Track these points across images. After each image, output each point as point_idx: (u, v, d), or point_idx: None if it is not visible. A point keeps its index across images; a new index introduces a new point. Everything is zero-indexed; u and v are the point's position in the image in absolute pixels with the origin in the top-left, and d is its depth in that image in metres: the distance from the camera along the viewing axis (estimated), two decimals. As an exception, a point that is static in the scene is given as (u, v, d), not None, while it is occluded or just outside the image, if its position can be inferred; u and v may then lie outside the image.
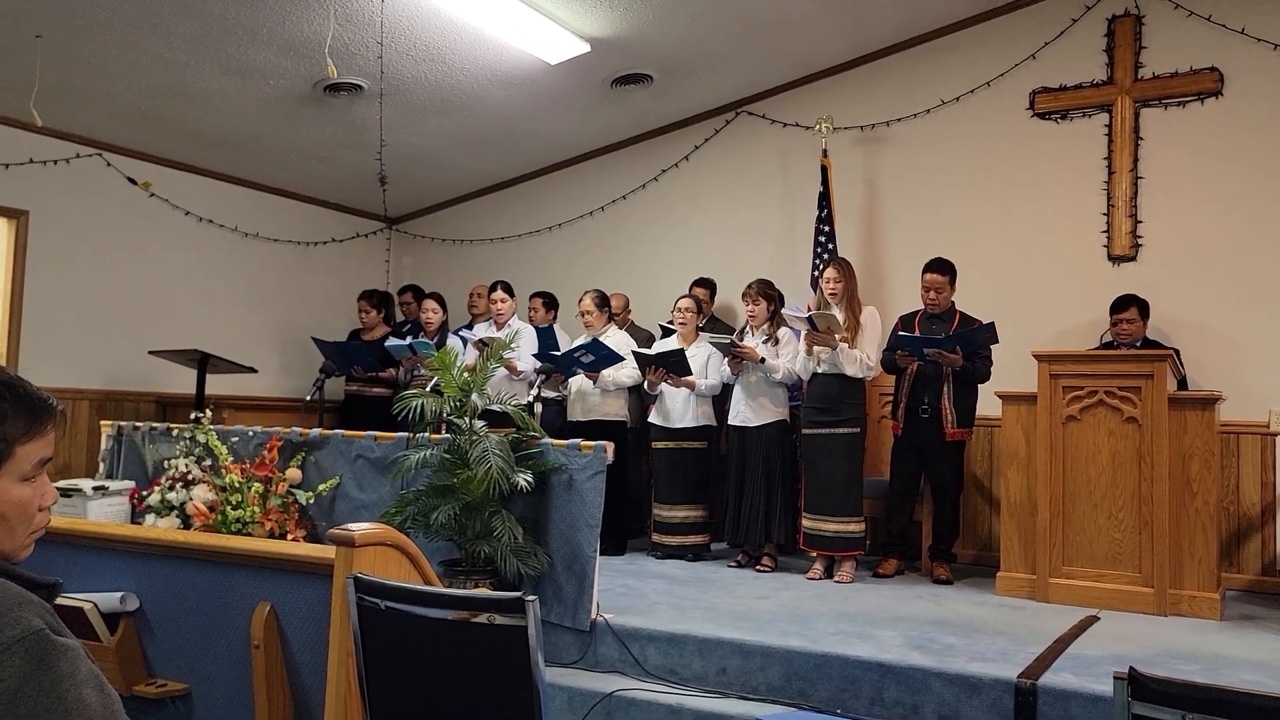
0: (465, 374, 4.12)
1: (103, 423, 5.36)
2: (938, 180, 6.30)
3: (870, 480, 5.39)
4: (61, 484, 4.52)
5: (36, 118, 5.52)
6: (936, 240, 5.93)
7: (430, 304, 6.65)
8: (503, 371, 5.61)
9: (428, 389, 4.20)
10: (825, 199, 6.23)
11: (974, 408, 5.10)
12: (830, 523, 4.93)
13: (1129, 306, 5.29)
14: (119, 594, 2.64)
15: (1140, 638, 3.83)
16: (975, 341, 4.94)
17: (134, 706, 2.48)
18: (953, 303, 5.19)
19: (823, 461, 4.98)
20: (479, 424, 4.07)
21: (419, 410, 4.06)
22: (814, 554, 5.04)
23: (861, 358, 4.91)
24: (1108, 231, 5.81)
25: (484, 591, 2.09)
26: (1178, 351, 5.28)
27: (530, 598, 1.92)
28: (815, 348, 4.96)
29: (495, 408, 4.15)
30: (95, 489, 4.52)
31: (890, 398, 5.42)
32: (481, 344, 5.58)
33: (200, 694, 2.60)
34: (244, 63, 5.75)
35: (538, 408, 4.86)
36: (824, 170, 6.27)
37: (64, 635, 1.22)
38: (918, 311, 5.27)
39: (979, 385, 5.09)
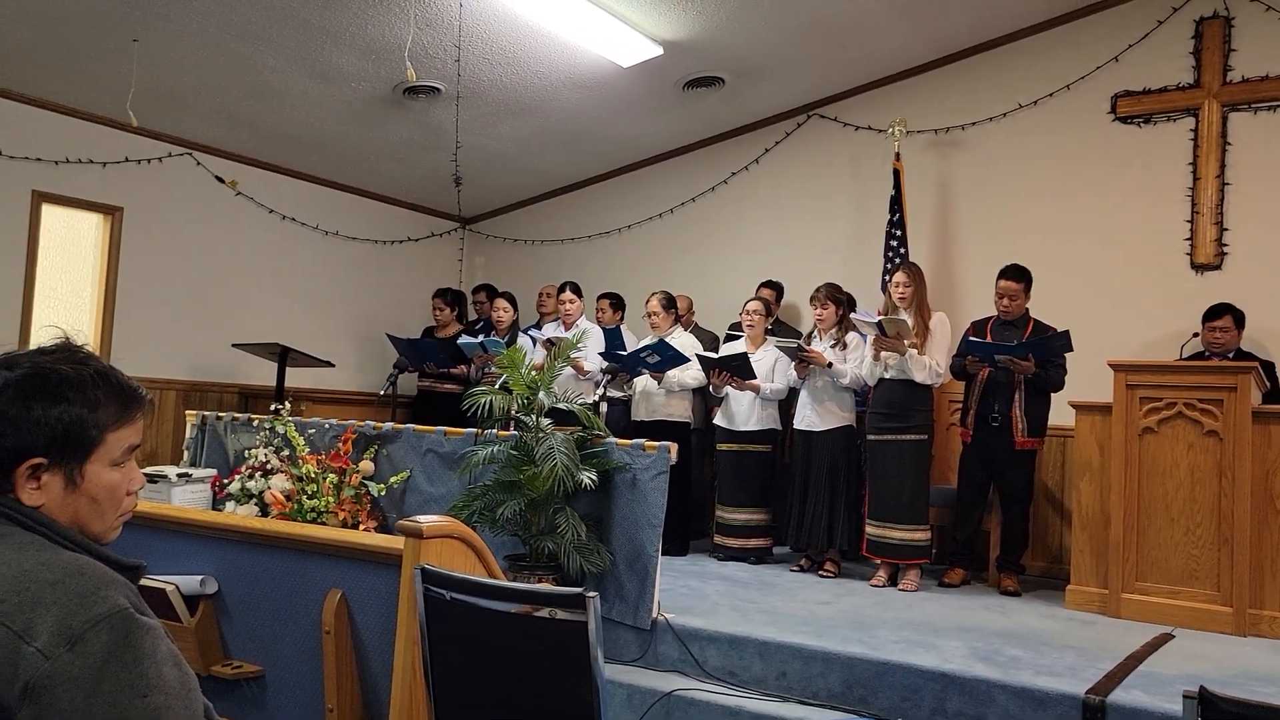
0: (533, 372, 4.19)
1: (188, 412, 5.58)
2: (1013, 185, 6.18)
3: (937, 488, 5.33)
4: (148, 470, 4.72)
5: (132, 118, 5.76)
6: (1010, 246, 5.82)
7: (501, 303, 6.76)
8: (570, 370, 5.67)
9: (497, 386, 4.28)
10: (897, 203, 6.17)
11: (1046, 417, 5.00)
12: (895, 530, 4.88)
13: (1223, 315, 5.13)
14: (199, 577, 2.74)
15: (1216, 657, 3.72)
16: (1049, 349, 4.85)
17: (210, 686, 2.59)
18: (1026, 310, 5.10)
19: (888, 468, 4.93)
20: (545, 422, 4.13)
21: (488, 407, 4.14)
22: (878, 561, 5.00)
23: (931, 364, 4.86)
24: (1191, 239, 5.64)
25: (546, 586, 2.13)
26: (1273, 364, 5.10)
27: (591, 594, 1.95)
28: (883, 353, 4.92)
29: (561, 406, 4.21)
30: (179, 476, 4.70)
31: (960, 405, 5.34)
32: (549, 343, 5.66)
33: (273, 676, 2.69)
34: (327, 66, 5.92)
35: (603, 407, 4.92)
36: (896, 174, 6.21)
37: (147, 614, 1.27)
38: (990, 318, 5.18)
39: (1052, 394, 4.98)
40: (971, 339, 5.05)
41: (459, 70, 5.87)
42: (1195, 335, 5.30)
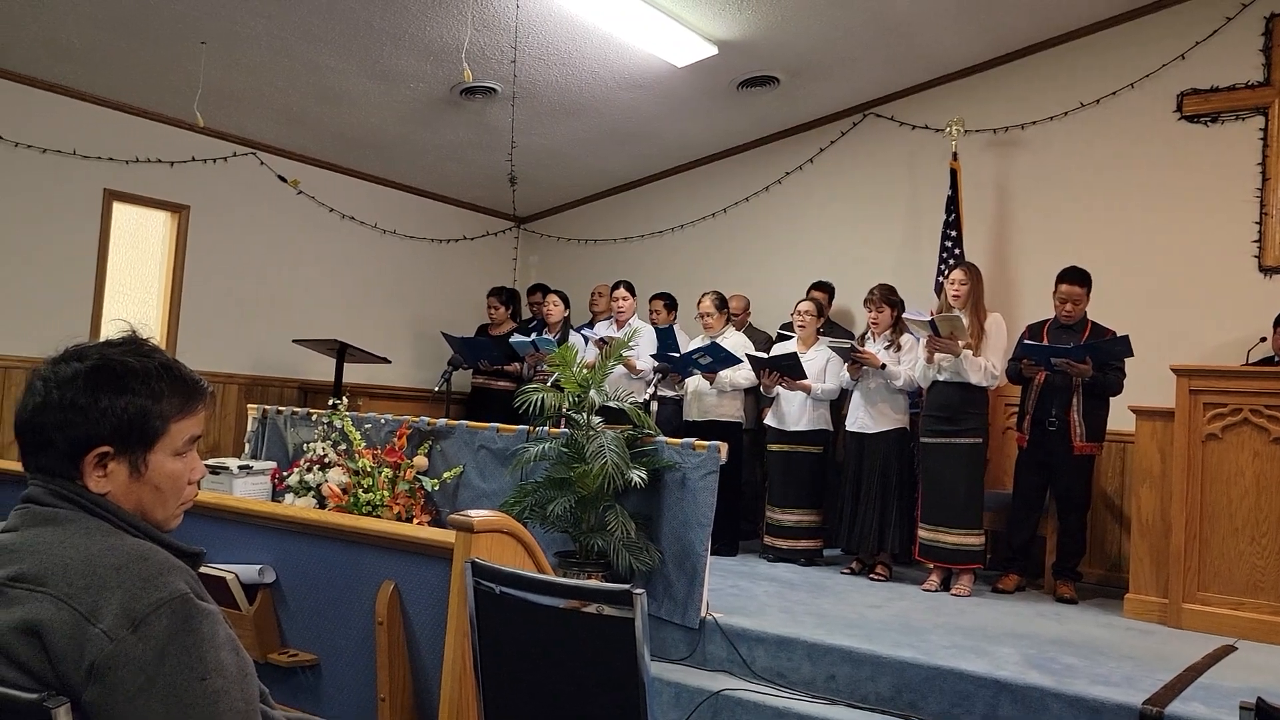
0: (584, 370, 4.22)
1: (249, 406, 5.72)
2: (1074, 185, 6.06)
3: (992, 493, 5.25)
4: (210, 461, 4.85)
5: (199, 119, 5.93)
6: (1070, 248, 5.72)
7: (553, 299, 6.81)
8: (621, 369, 5.70)
9: (548, 384, 4.32)
10: (954, 203, 6.09)
11: (1104, 421, 4.90)
12: (948, 534, 4.82)
13: (1294, 319, 4.98)
14: (258, 567, 2.81)
15: (1280, 671, 3.62)
16: (1108, 353, 4.74)
17: (267, 673, 2.65)
18: (1084, 313, 4.99)
19: (942, 471, 4.87)
20: (596, 420, 4.15)
21: (539, 404, 4.18)
22: (930, 565, 4.94)
23: (986, 366, 4.79)
24: (1259, 241, 5.47)
25: (593, 582, 2.15)
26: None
27: (638, 591, 1.96)
28: (937, 355, 4.85)
29: (612, 404, 4.23)
30: (240, 468, 4.82)
31: (1016, 408, 5.26)
32: (601, 342, 5.68)
33: (328, 665, 2.75)
34: (387, 67, 6.02)
35: (654, 406, 4.92)
36: (953, 174, 6.13)
37: (206, 600, 1.31)
38: (1046, 321, 5.08)
39: (1110, 398, 4.88)
40: (1027, 342, 4.96)
41: (515, 71, 5.93)
42: (1263, 340, 5.14)
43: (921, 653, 3.52)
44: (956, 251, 6.00)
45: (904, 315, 5.12)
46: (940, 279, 5.80)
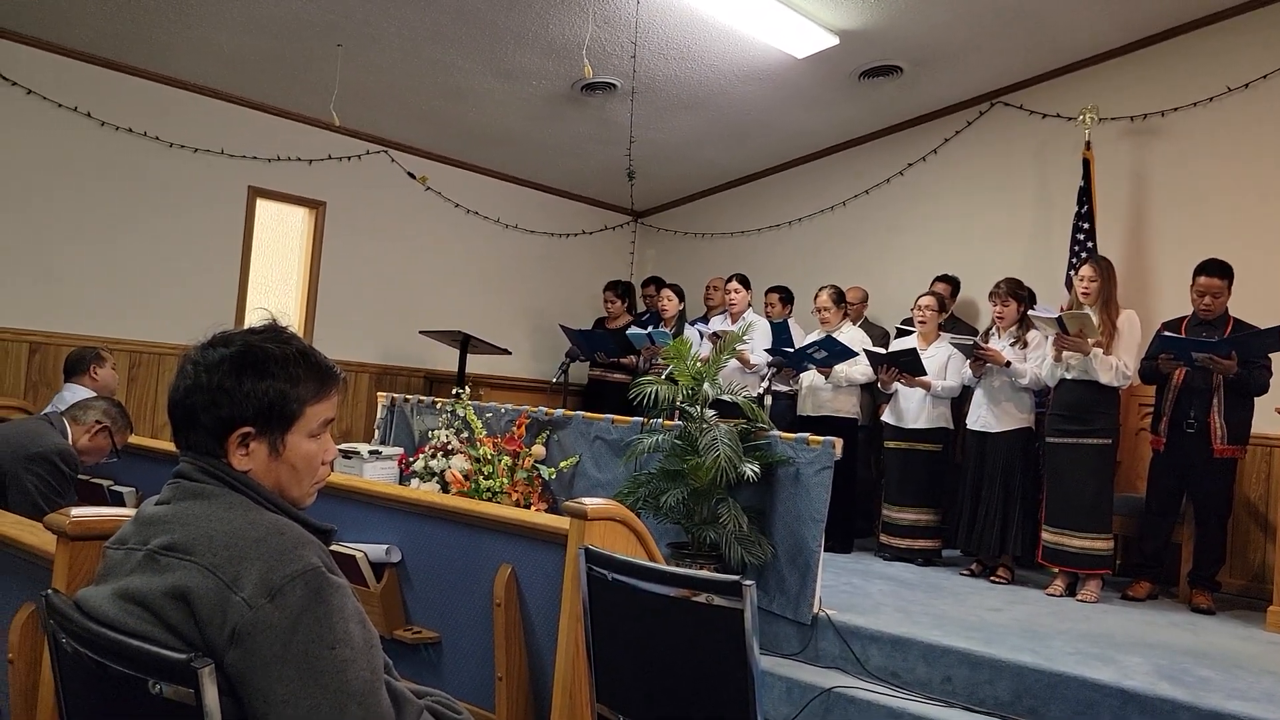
0: (698, 364, 4.24)
1: (379, 394, 5.97)
2: (1216, 175, 5.72)
3: (1123, 496, 5.02)
4: (343, 446, 5.09)
5: (335, 118, 6.21)
6: (1211, 240, 5.40)
7: (667, 293, 6.85)
8: (735, 363, 5.69)
9: (663, 377, 4.36)
10: (1086, 194, 5.84)
11: (1248, 423, 4.62)
12: (1075, 538, 4.64)
13: None
14: (385, 546, 2.95)
15: None
16: (1257, 347, 4.46)
17: (392, 649, 2.77)
18: (1226, 308, 4.72)
19: (1068, 473, 4.69)
20: (710, 413, 4.17)
21: (654, 396, 4.22)
22: (1055, 569, 4.77)
23: (1118, 365, 4.58)
24: None
25: (703, 572, 2.17)
26: None
27: (748, 582, 1.97)
28: (1065, 353, 4.67)
29: (726, 398, 4.24)
30: (371, 453, 5.04)
31: (1150, 409, 5.01)
32: (715, 336, 5.69)
33: (449, 642, 2.86)
34: (511, 65, 6.17)
35: (768, 400, 4.90)
36: (1086, 164, 5.87)
37: (336, 574, 1.39)
38: (1184, 317, 4.82)
39: (1254, 398, 4.60)
40: (1167, 334, 4.72)
41: (635, 66, 5.99)
42: None
43: (1044, 658, 3.42)
44: (1089, 245, 5.76)
45: (1030, 312, 4.94)
46: (1070, 274, 5.57)
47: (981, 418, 5.14)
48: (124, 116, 5.99)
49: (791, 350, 5.49)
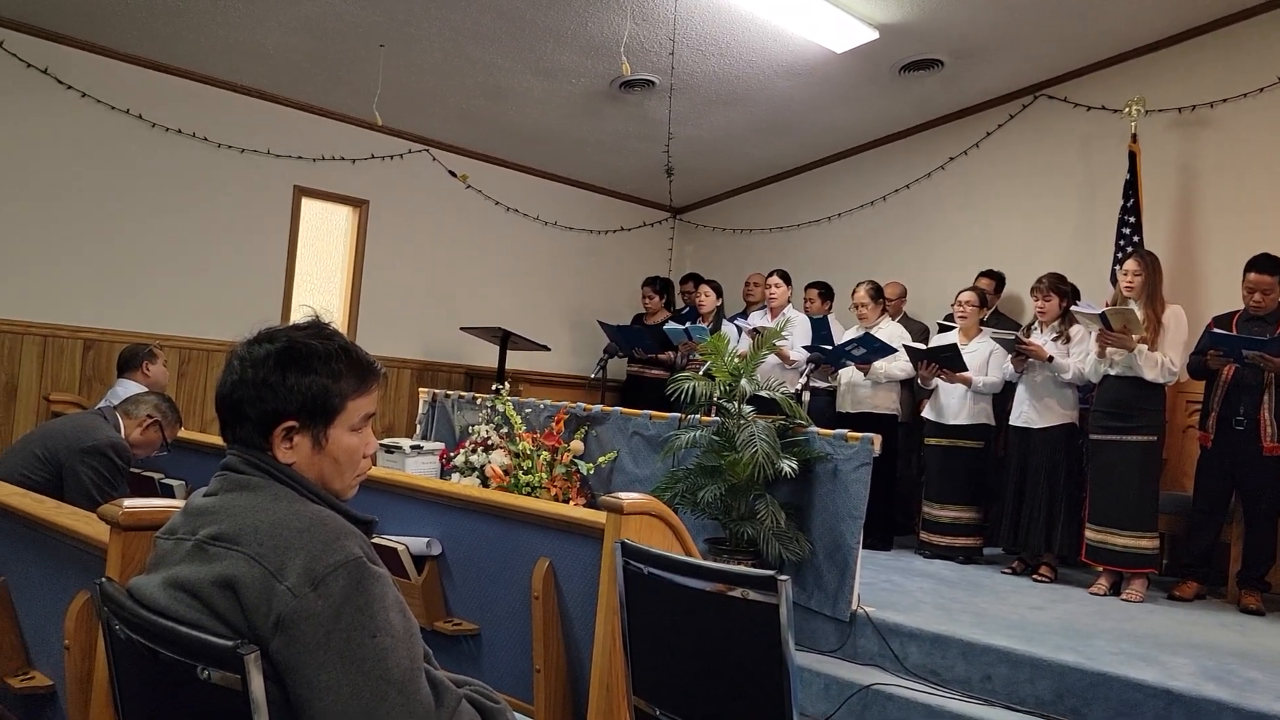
0: (735, 359, 4.24)
1: (420, 390, 6.05)
2: (1268, 167, 5.59)
3: (1169, 494, 4.94)
4: (385, 441, 5.17)
5: (378, 118, 6.29)
6: (1263, 235, 5.28)
7: (705, 289, 6.85)
8: (773, 359, 5.68)
9: (700, 373, 4.36)
10: (1132, 188, 5.74)
11: (1300, 421, 4.53)
12: (1119, 536, 4.58)
13: None
14: (426, 539, 2.99)
15: None
16: (1308, 347, 4.38)
17: (432, 640, 2.80)
18: (1278, 304, 4.62)
19: (1112, 470, 4.62)
20: (747, 409, 4.17)
21: (691, 392, 4.23)
22: (1099, 568, 4.71)
23: (1163, 361, 4.50)
24: None
25: (739, 567, 2.18)
26: None
27: (783, 577, 1.97)
28: (1109, 349, 4.61)
29: (764, 394, 4.24)
30: (412, 448, 5.11)
31: (1198, 406, 4.92)
32: (754, 331, 5.68)
33: (488, 634, 2.90)
34: (550, 63, 6.21)
35: (806, 396, 4.89)
36: (1132, 157, 5.77)
37: (377, 564, 1.42)
38: (1235, 313, 4.73)
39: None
40: (1216, 331, 4.63)
41: (673, 62, 5.99)
42: None
43: (1086, 657, 3.38)
44: (1135, 239, 5.67)
45: (1073, 308, 4.88)
46: (1115, 268, 5.49)
47: (1024, 414, 5.09)
48: (173, 118, 6.12)
49: (830, 347, 5.47)
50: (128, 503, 1.78)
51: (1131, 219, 5.72)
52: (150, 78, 6.02)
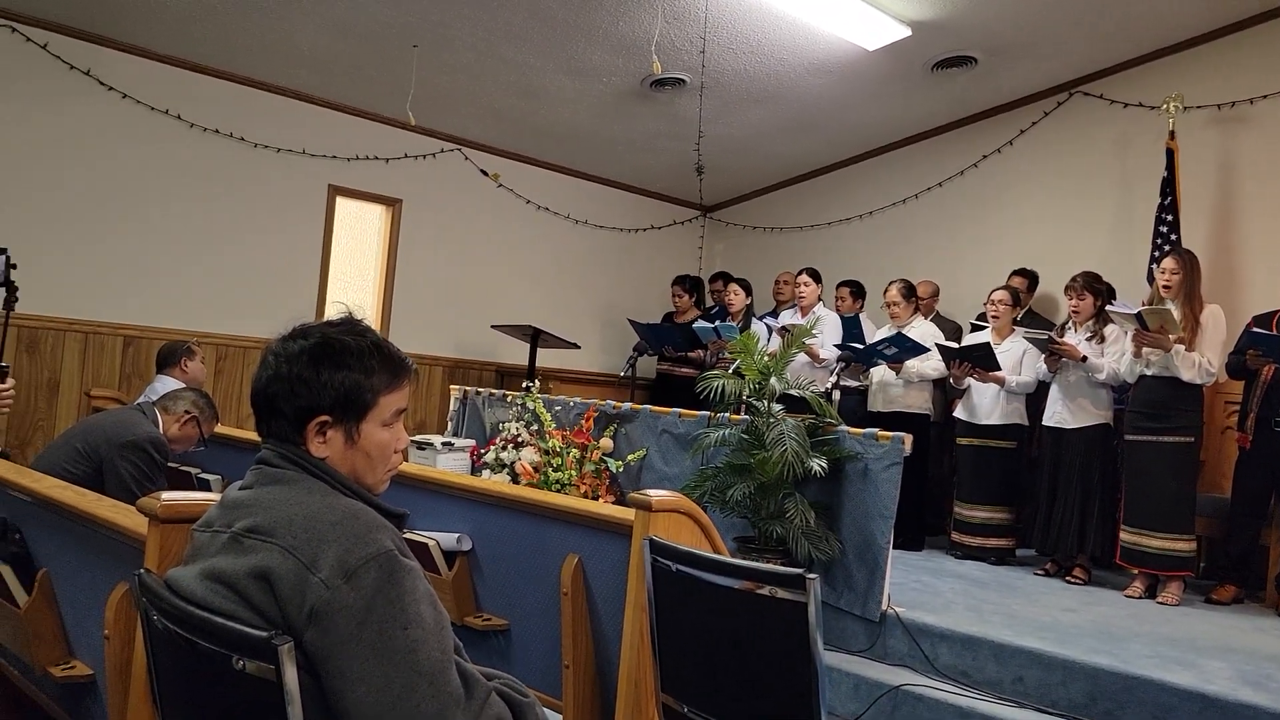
0: (765, 358, 4.23)
1: (452, 387, 6.09)
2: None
3: (1206, 496, 4.87)
4: (417, 437, 5.22)
5: (411, 118, 6.35)
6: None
7: (734, 287, 6.83)
8: (803, 357, 5.66)
9: (730, 371, 4.36)
10: (1169, 186, 5.66)
11: (1342, 422, 4.44)
12: (1154, 538, 4.51)
13: None
14: (456, 535, 3.02)
15: None
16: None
17: (462, 635, 2.81)
18: (1320, 304, 4.54)
19: (1148, 471, 4.56)
20: (777, 407, 4.16)
21: (720, 390, 4.23)
22: (1134, 571, 4.65)
23: (1200, 361, 4.43)
24: None
25: (767, 565, 2.18)
26: None
27: (811, 575, 1.97)
28: (1144, 349, 4.54)
29: (793, 392, 4.22)
30: (444, 444, 5.15)
31: (1237, 406, 4.84)
32: (784, 330, 5.67)
33: (517, 630, 2.91)
34: (581, 63, 6.22)
35: (836, 395, 4.87)
36: (1170, 154, 5.69)
37: (408, 557, 1.44)
38: (1275, 312, 4.65)
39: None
40: (1255, 330, 4.55)
41: (704, 61, 5.99)
42: None
43: (1120, 660, 3.34)
44: (1172, 238, 5.58)
45: (1108, 307, 4.82)
46: (1152, 267, 5.41)
47: (1057, 413, 5.03)
48: (211, 118, 6.21)
49: (861, 346, 5.44)
50: (166, 496, 1.81)
51: (1169, 217, 5.64)
52: (188, 78, 6.12)
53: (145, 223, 6.00)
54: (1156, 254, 5.55)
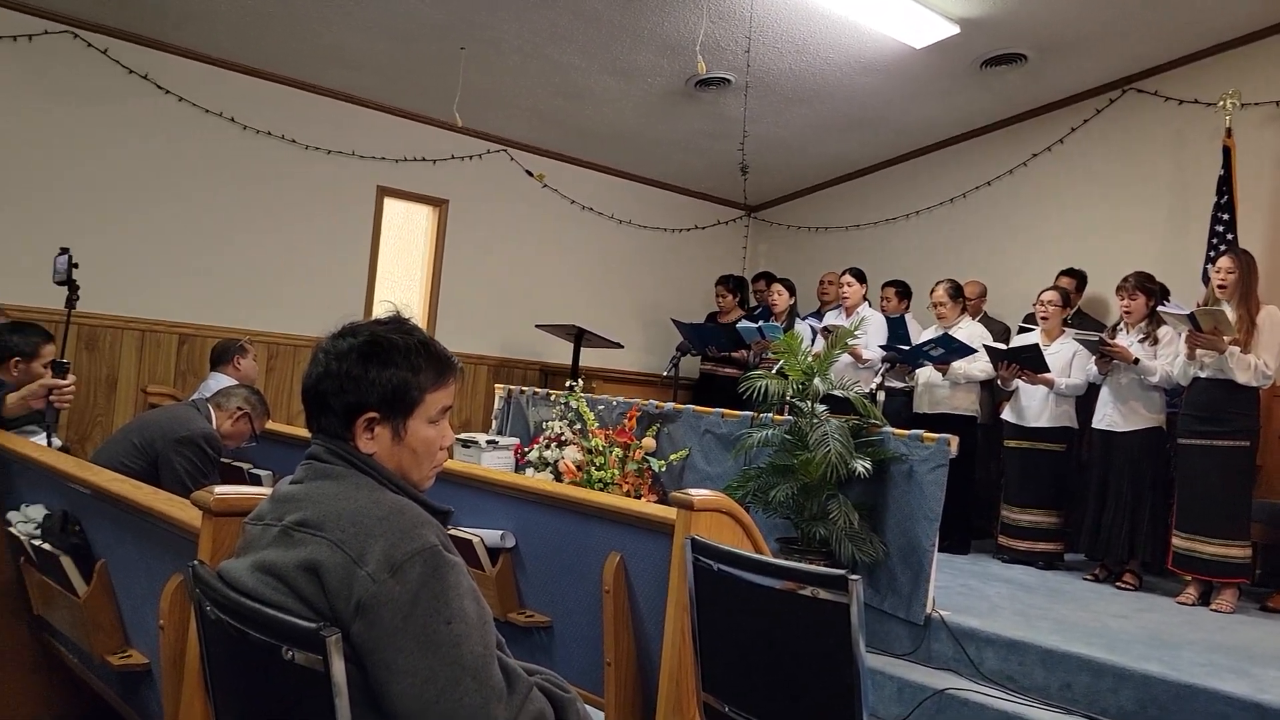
0: (809, 358, 4.21)
1: (496, 386, 6.14)
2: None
3: (1264, 502, 4.76)
4: (463, 435, 5.27)
5: (458, 119, 6.41)
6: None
7: (778, 287, 6.80)
8: (847, 358, 5.62)
9: (774, 371, 4.34)
10: (1226, 184, 5.53)
11: (1407, 428, 4.31)
12: (1208, 544, 4.41)
13: None
14: (500, 532, 3.05)
15: None
16: None
17: (505, 631, 2.84)
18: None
19: (1201, 475, 4.46)
20: (820, 408, 4.14)
21: (763, 391, 4.22)
22: (1187, 577, 4.55)
23: (1257, 364, 4.33)
24: None
25: (809, 565, 2.17)
26: None
27: (854, 577, 1.96)
28: (1198, 351, 4.45)
29: (837, 393, 4.20)
30: (488, 443, 5.20)
31: (1296, 411, 4.73)
32: (828, 330, 5.63)
33: (560, 627, 2.94)
34: (626, 63, 6.24)
35: (881, 396, 4.83)
36: (1226, 152, 5.56)
37: (453, 553, 1.47)
38: (1336, 313, 4.53)
39: None
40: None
41: (749, 60, 5.97)
42: None
43: (1172, 668, 3.28)
44: (1229, 237, 5.46)
45: (1160, 308, 4.72)
46: (1207, 266, 5.30)
47: (1108, 416, 4.94)
48: (263, 120, 6.33)
49: (907, 347, 5.39)
50: (219, 490, 1.85)
51: (1225, 216, 5.51)
52: (241, 81, 6.24)
53: (199, 223, 6.13)
54: (1212, 254, 5.43)
